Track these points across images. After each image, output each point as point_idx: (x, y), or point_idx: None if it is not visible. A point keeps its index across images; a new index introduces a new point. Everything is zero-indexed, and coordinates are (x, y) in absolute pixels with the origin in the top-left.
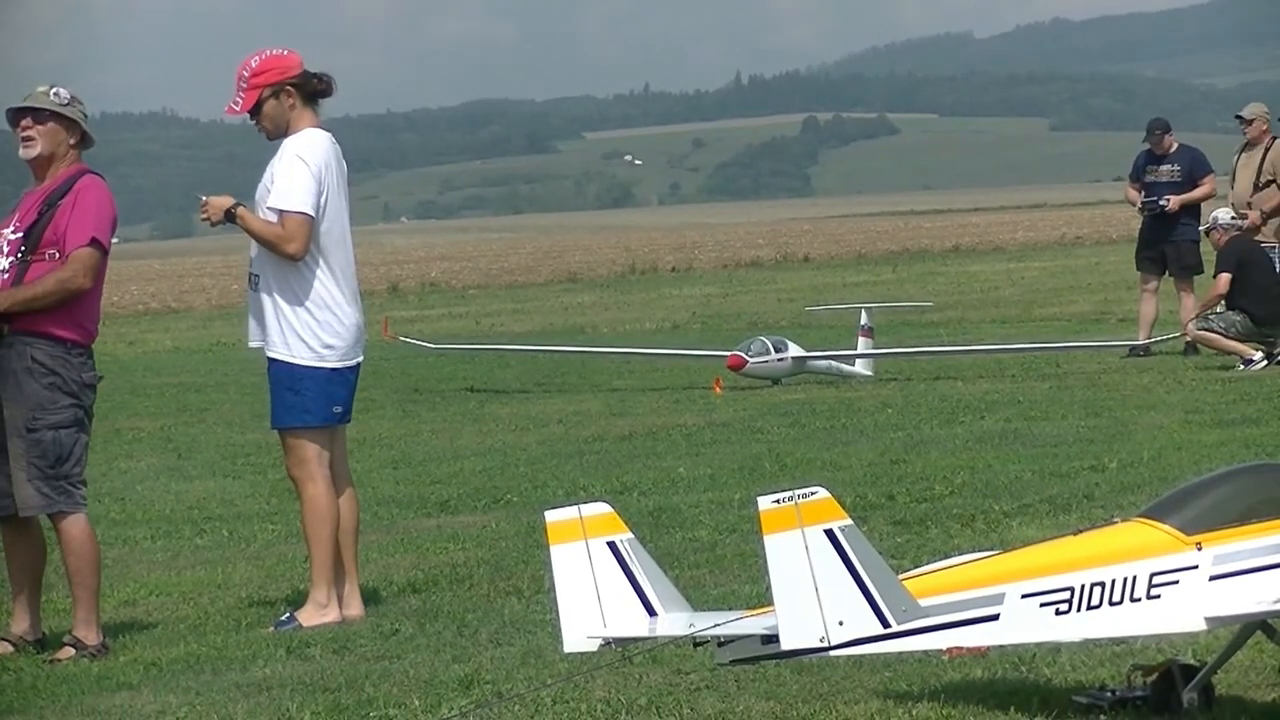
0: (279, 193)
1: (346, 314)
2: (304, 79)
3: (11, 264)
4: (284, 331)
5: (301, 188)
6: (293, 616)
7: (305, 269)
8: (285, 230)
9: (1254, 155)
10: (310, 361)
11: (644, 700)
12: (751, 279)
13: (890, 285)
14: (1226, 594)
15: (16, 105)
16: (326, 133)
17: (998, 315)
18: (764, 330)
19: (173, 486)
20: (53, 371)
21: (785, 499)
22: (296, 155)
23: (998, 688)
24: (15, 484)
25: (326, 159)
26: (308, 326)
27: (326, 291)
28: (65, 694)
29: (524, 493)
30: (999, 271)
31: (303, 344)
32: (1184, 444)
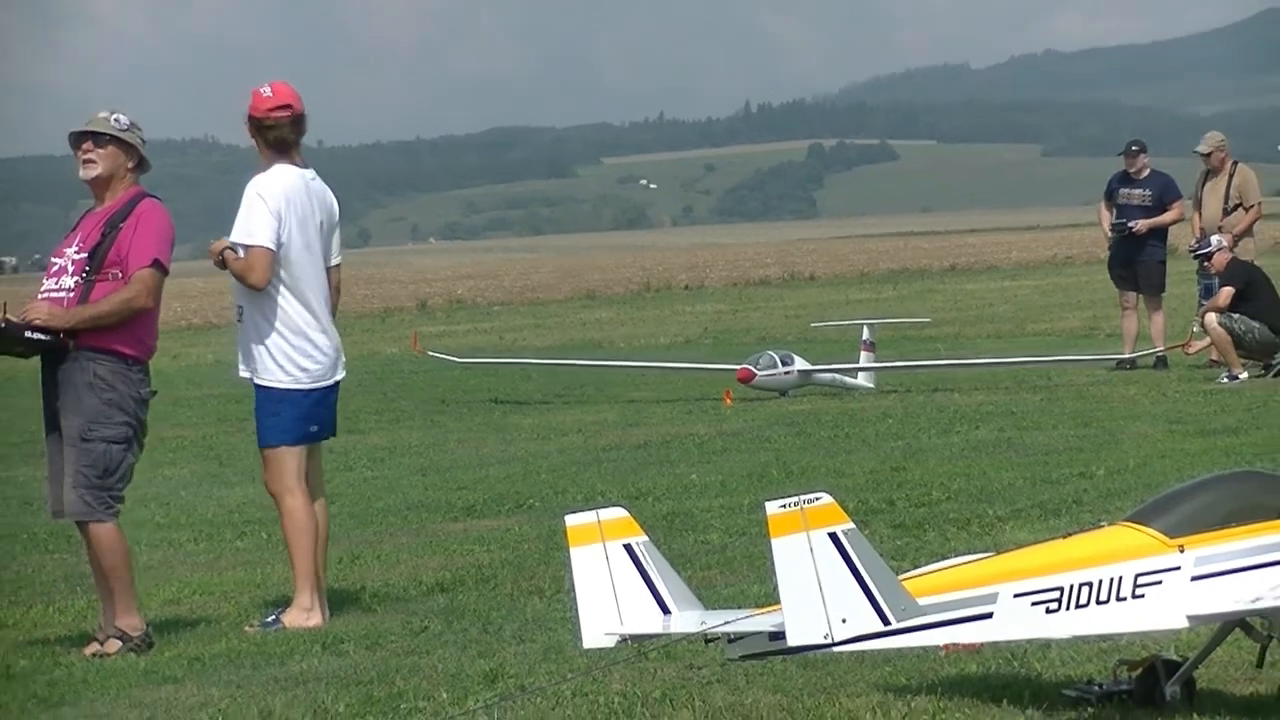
0: (238, 229)
1: (320, 339)
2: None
3: (77, 283)
4: (263, 358)
5: (259, 223)
6: (278, 618)
7: (280, 298)
8: (247, 263)
9: (1219, 182)
10: (288, 384)
11: (658, 693)
12: (760, 296)
13: (891, 302)
14: (1207, 594)
15: (78, 129)
16: (296, 169)
17: (992, 331)
18: (772, 345)
19: (214, 492)
20: (112, 387)
21: (791, 504)
22: (256, 193)
23: (991, 682)
24: (61, 489)
25: (289, 195)
26: (283, 352)
27: (300, 318)
28: (114, 688)
29: (545, 498)
30: (993, 289)
31: (279, 369)
32: (1168, 452)
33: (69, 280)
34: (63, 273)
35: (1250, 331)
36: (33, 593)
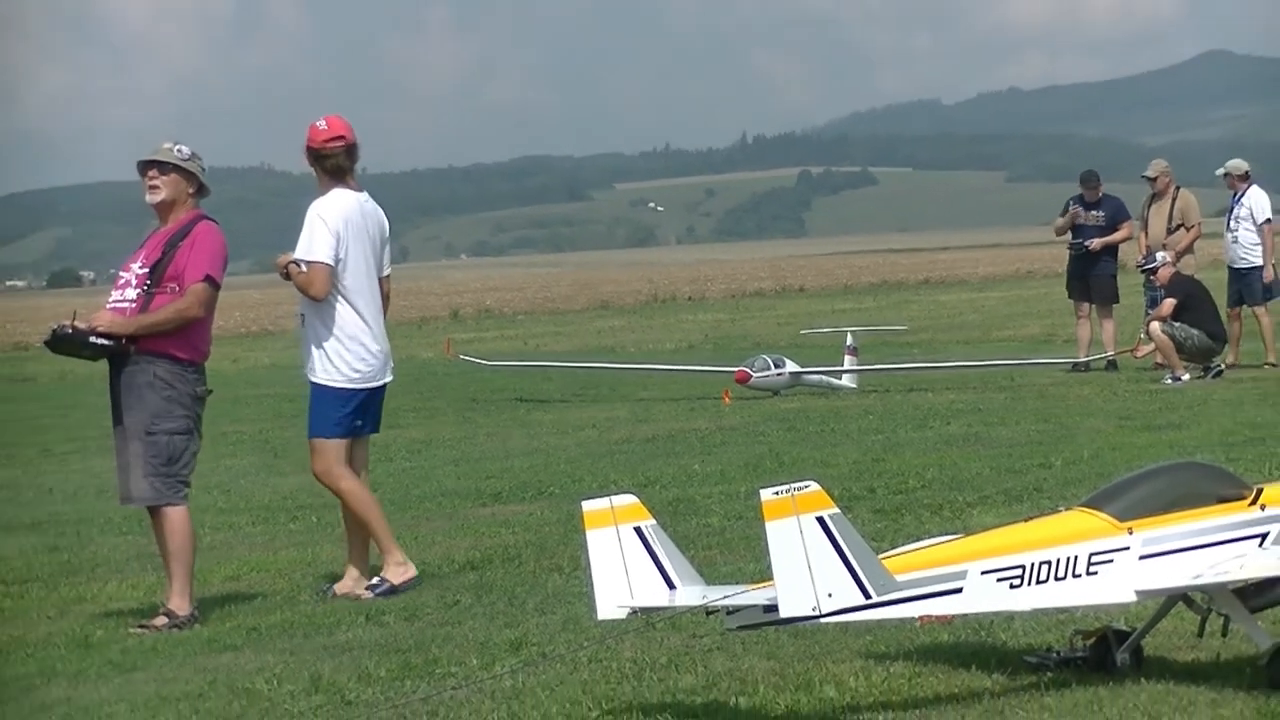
0: (301, 246)
1: (371, 344)
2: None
3: (139, 295)
4: (321, 359)
5: (321, 242)
6: (383, 579)
7: (337, 306)
8: (308, 277)
9: (1163, 205)
10: (340, 383)
11: (665, 660)
12: (755, 306)
13: (872, 312)
14: (1153, 571)
15: (145, 158)
16: (353, 193)
17: (962, 337)
18: (766, 349)
19: (269, 481)
20: (170, 385)
21: (783, 491)
22: (317, 215)
23: (961, 649)
24: (132, 479)
25: (346, 216)
26: (339, 355)
27: (355, 325)
28: (180, 654)
29: (564, 486)
30: (963, 300)
31: (335, 369)
32: (1118, 445)
33: (132, 292)
34: (127, 285)
35: (1191, 338)
36: (108, 570)
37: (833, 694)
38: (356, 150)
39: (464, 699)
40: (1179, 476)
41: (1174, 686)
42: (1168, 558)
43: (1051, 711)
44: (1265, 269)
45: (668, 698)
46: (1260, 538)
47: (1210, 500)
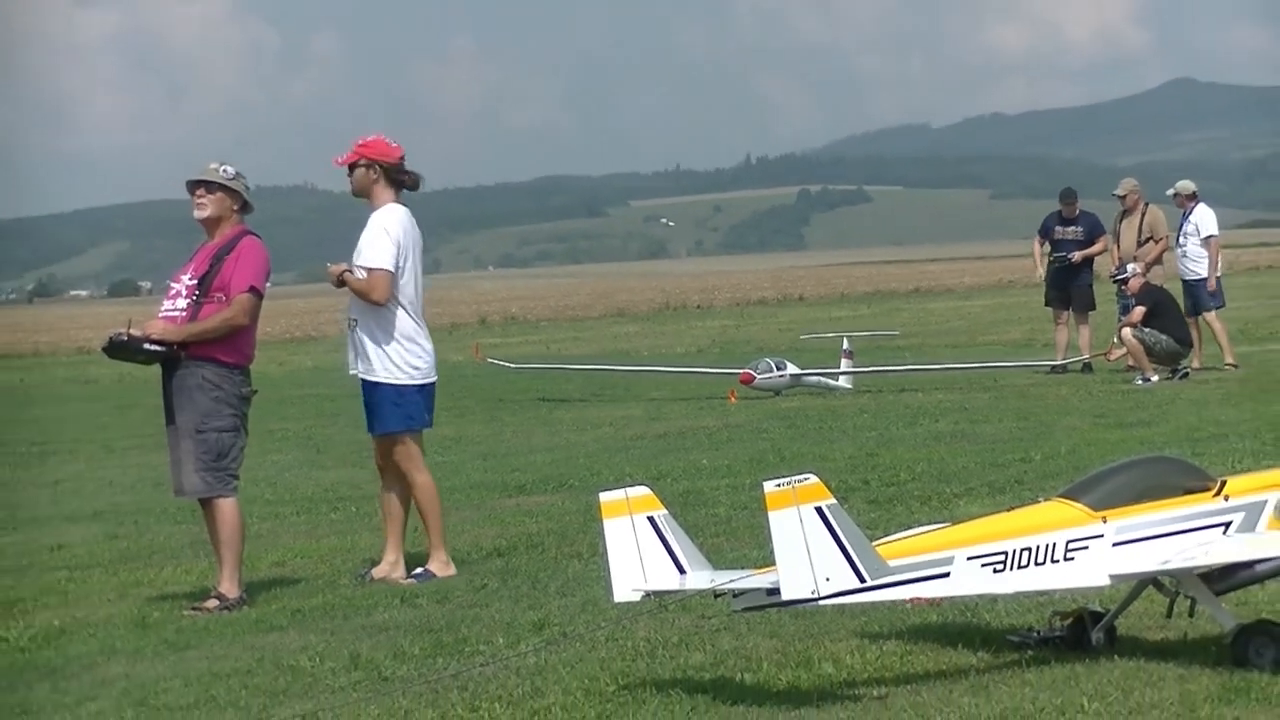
0: (366, 255)
1: (424, 344)
2: (393, 167)
3: (188, 304)
4: (382, 360)
5: (384, 251)
6: (427, 571)
7: (395, 311)
8: (370, 283)
9: (1133, 220)
10: (404, 381)
11: (676, 639)
12: (758, 313)
13: (866, 319)
14: (1125, 557)
15: (193, 178)
16: (404, 208)
17: (949, 341)
18: (768, 353)
19: (312, 474)
20: (218, 387)
21: (785, 483)
22: (381, 227)
23: (948, 629)
24: (184, 473)
25: (404, 227)
26: (400, 355)
27: (410, 327)
28: (230, 634)
29: (583, 479)
30: (950, 308)
31: (397, 368)
32: (1093, 441)
33: (182, 302)
34: (178, 296)
35: (1159, 342)
36: (163, 557)
37: (830, 670)
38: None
39: (491, 675)
40: (1149, 470)
41: (1145, 663)
42: (1139, 544)
43: (1032, 686)
44: (1209, 280)
45: (679, 674)
46: (1224, 526)
47: (1178, 492)
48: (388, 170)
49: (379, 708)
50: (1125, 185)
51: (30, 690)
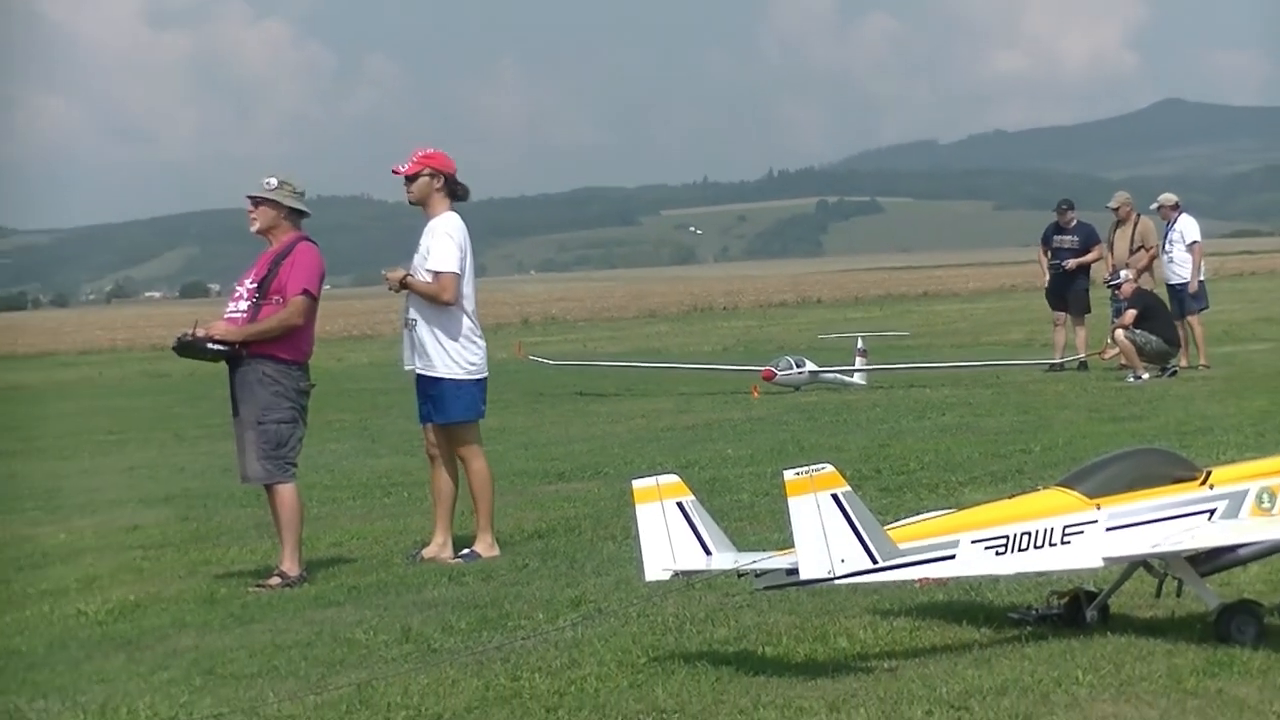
0: (435, 259)
1: (479, 340)
2: (452, 178)
3: (249, 306)
4: (443, 356)
5: (451, 255)
6: (473, 552)
7: (458, 313)
8: (440, 285)
9: (1126, 229)
10: (467, 375)
11: (702, 615)
12: (779, 315)
13: (879, 320)
14: (1118, 541)
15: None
16: (458, 216)
17: (955, 341)
18: (788, 352)
19: (367, 462)
20: (277, 382)
21: (803, 472)
22: (446, 233)
23: (954, 607)
24: (247, 461)
25: (464, 233)
26: (459, 351)
27: (468, 325)
28: (291, 609)
29: (617, 467)
30: (956, 310)
31: (456, 364)
32: (1088, 434)
33: (243, 304)
34: (239, 298)
35: (1149, 343)
36: (229, 538)
37: (845, 644)
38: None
39: (532, 648)
40: (1140, 460)
41: (1135, 639)
42: (1130, 530)
43: (1031, 660)
44: (1191, 283)
45: (704, 648)
46: (1209, 513)
47: (1166, 481)
48: (449, 180)
49: (428, 677)
50: (1119, 198)
51: (107, 660)
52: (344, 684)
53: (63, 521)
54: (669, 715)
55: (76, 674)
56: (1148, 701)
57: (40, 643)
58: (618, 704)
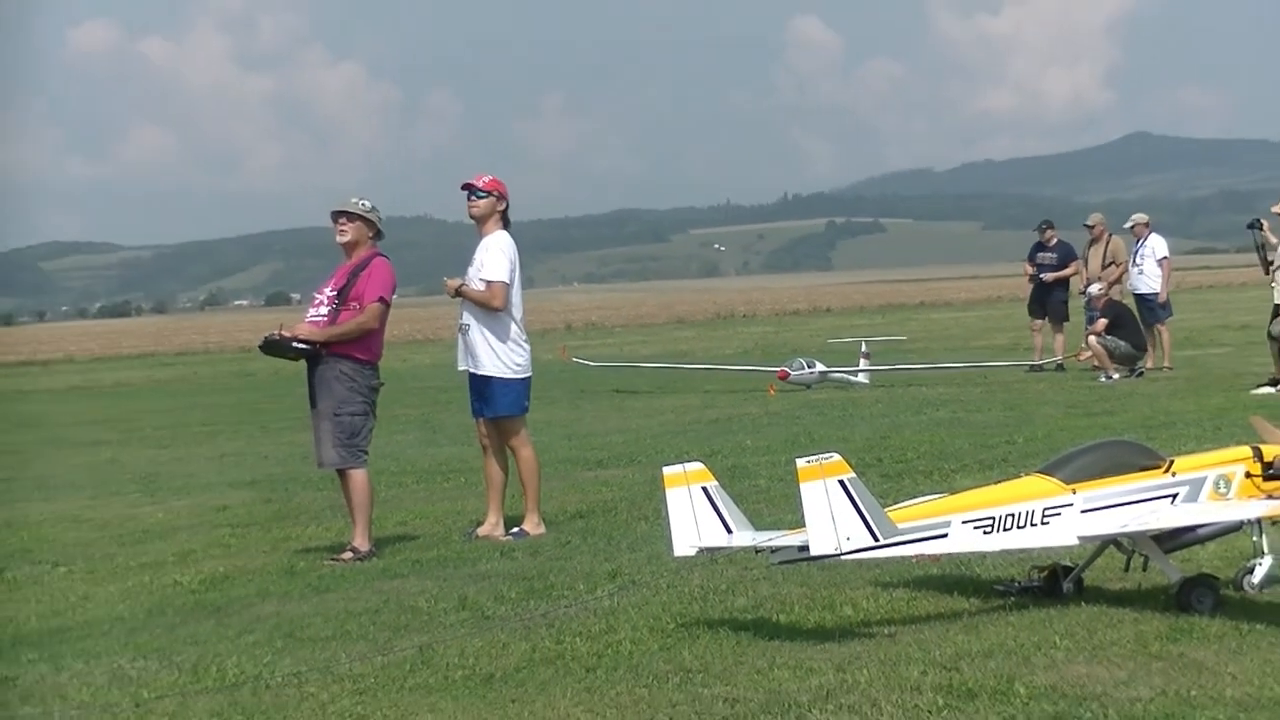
0: (489, 269)
1: (525, 344)
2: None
3: (329, 312)
4: (493, 358)
5: (503, 267)
6: (523, 530)
7: (506, 319)
8: (491, 293)
9: (1099, 247)
10: (515, 375)
11: (724, 586)
12: (793, 322)
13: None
14: (1091, 522)
15: (336, 208)
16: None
17: (948, 345)
18: (801, 354)
19: (428, 451)
20: (352, 379)
21: (814, 460)
22: (499, 248)
23: (946, 579)
24: (323, 448)
25: (514, 249)
26: (507, 353)
27: (514, 330)
28: (362, 580)
29: (649, 455)
30: (949, 318)
31: (504, 365)
32: (1065, 427)
33: (324, 310)
34: (320, 304)
35: (1119, 347)
36: (307, 517)
37: (850, 613)
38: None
39: (574, 615)
40: (1111, 450)
41: (1106, 608)
42: (1102, 512)
43: (1014, 626)
44: (1161, 293)
45: (726, 615)
46: (1172, 497)
47: (1134, 469)
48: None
49: (482, 641)
50: (1094, 218)
51: (199, 624)
52: (408, 646)
53: (161, 503)
54: (694, 674)
55: (172, 637)
56: (1117, 663)
57: (141, 609)
58: (649, 664)
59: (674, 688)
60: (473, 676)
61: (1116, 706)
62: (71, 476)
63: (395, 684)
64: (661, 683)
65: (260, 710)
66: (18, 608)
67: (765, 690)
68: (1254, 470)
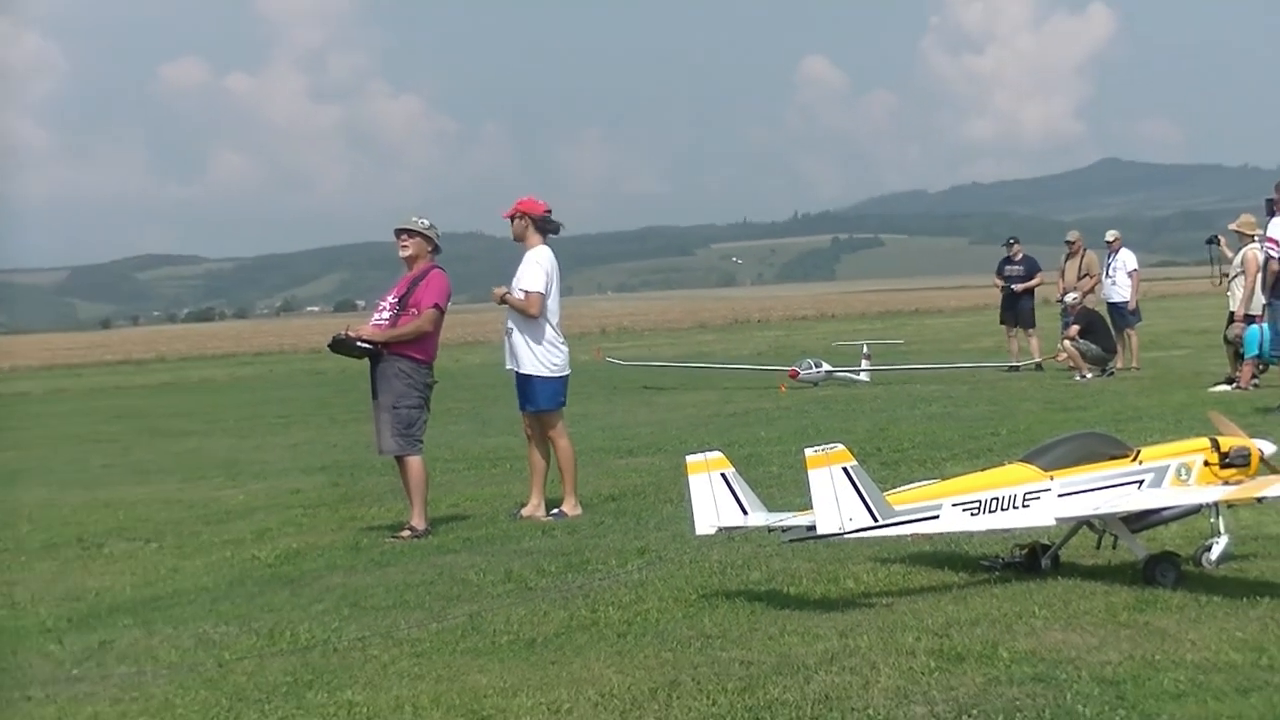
0: (526, 280)
1: (561, 346)
2: (539, 218)
3: (390, 316)
4: (532, 358)
5: (537, 278)
6: (561, 512)
7: (543, 323)
8: (528, 301)
9: (1075, 261)
10: (552, 373)
11: (740, 561)
12: (802, 327)
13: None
14: (1067, 505)
15: (399, 226)
16: (549, 249)
17: (940, 348)
18: (809, 355)
19: (479, 440)
20: (409, 376)
21: (820, 449)
22: (535, 261)
23: (938, 556)
24: (383, 437)
25: (550, 261)
26: (544, 355)
27: (551, 334)
28: (419, 556)
29: (674, 445)
30: (940, 324)
31: (542, 364)
32: (1044, 420)
33: (386, 315)
34: (383, 310)
35: (1091, 350)
36: (371, 499)
37: (852, 585)
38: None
39: (607, 586)
40: (1084, 441)
41: (1080, 581)
42: (1076, 496)
43: (998, 598)
44: (1130, 301)
45: (742, 586)
46: (1139, 483)
47: (1105, 458)
48: (535, 220)
49: (525, 609)
50: (1073, 234)
51: (274, 594)
52: (459, 614)
53: (241, 486)
54: (714, 640)
55: (251, 605)
56: (1089, 631)
57: (223, 581)
58: (673, 630)
59: (695, 651)
60: (517, 641)
61: (1089, 669)
62: (163, 463)
63: (448, 647)
64: (684, 647)
65: (329, 670)
66: (115, 579)
67: (776, 654)
68: (1212, 459)
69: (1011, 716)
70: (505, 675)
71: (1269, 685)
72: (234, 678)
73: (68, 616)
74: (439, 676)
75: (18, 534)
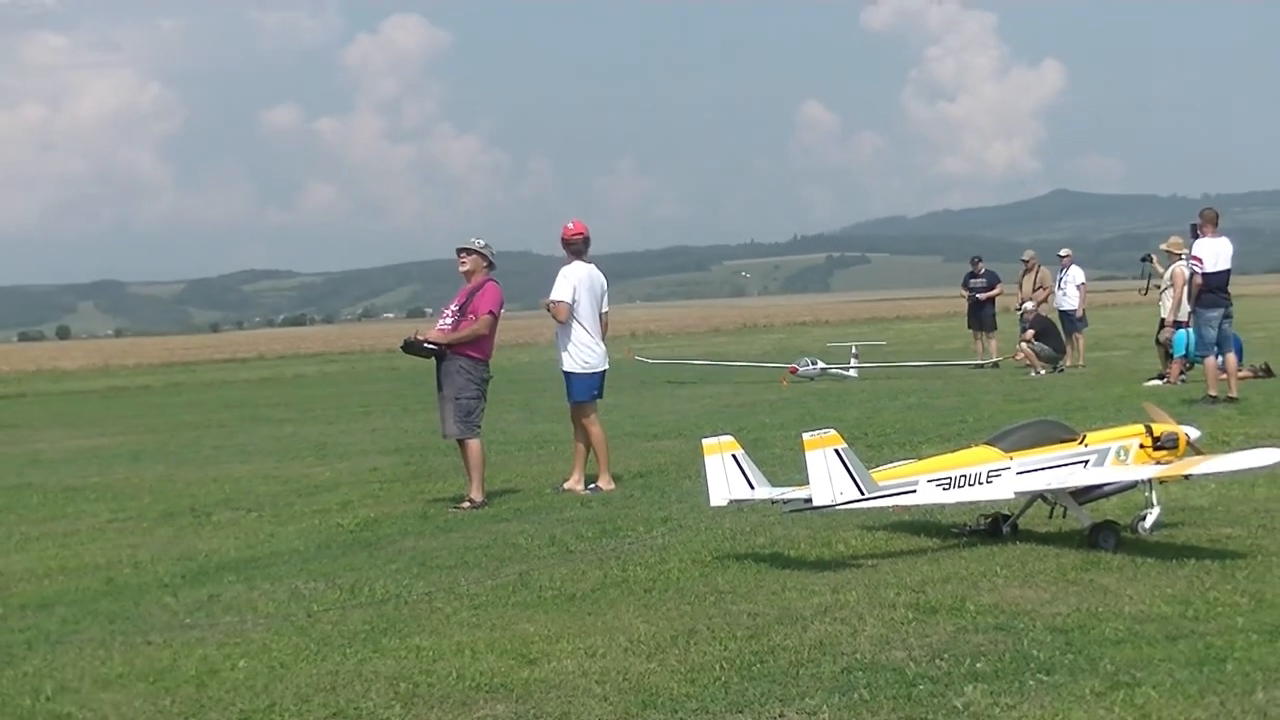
0: (554, 292)
1: (594, 347)
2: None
3: (453, 321)
4: (570, 357)
5: (563, 291)
6: (597, 487)
7: (573, 326)
8: (556, 309)
9: (1031, 275)
10: (583, 370)
11: (748, 528)
12: (801, 331)
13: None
14: (1024, 481)
15: (459, 246)
16: (584, 264)
17: (918, 348)
18: (807, 354)
19: (528, 426)
20: (469, 372)
21: (816, 433)
22: (562, 275)
23: (915, 525)
24: (446, 423)
25: (578, 276)
26: (578, 354)
27: (582, 337)
28: (475, 524)
29: (692, 430)
30: (918, 328)
31: (577, 362)
32: (1005, 410)
33: (449, 320)
34: (447, 316)
35: (1044, 351)
36: (437, 476)
37: (843, 549)
38: (588, 240)
39: (635, 550)
40: (1039, 427)
41: (1035, 546)
42: (1032, 473)
43: (966, 559)
44: (1078, 310)
45: (750, 550)
46: (1084, 463)
47: (1056, 441)
48: (564, 243)
49: (566, 568)
50: (1028, 254)
51: (355, 556)
52: (511, 573)
53: (328, 465)
54: (726, 594)
55: (335, 565)
56: (1043, 587)
57: (312, 544)
58: (691, 587)
59: (710, 604)
60: (559, 595)
61: (1043, 619)
62: (263, 445)
63: (501, 601)
64: (701, 601)
65: (401, 620)
66: (221, 542)
67: (779, 607)
68: (1146, 443)
69: (977, 660)
70: (549, 624)
71: (1194, 633)
72: (320, 626)
73: (181, 574)
74: (493, 625)
75: (140, 504)
